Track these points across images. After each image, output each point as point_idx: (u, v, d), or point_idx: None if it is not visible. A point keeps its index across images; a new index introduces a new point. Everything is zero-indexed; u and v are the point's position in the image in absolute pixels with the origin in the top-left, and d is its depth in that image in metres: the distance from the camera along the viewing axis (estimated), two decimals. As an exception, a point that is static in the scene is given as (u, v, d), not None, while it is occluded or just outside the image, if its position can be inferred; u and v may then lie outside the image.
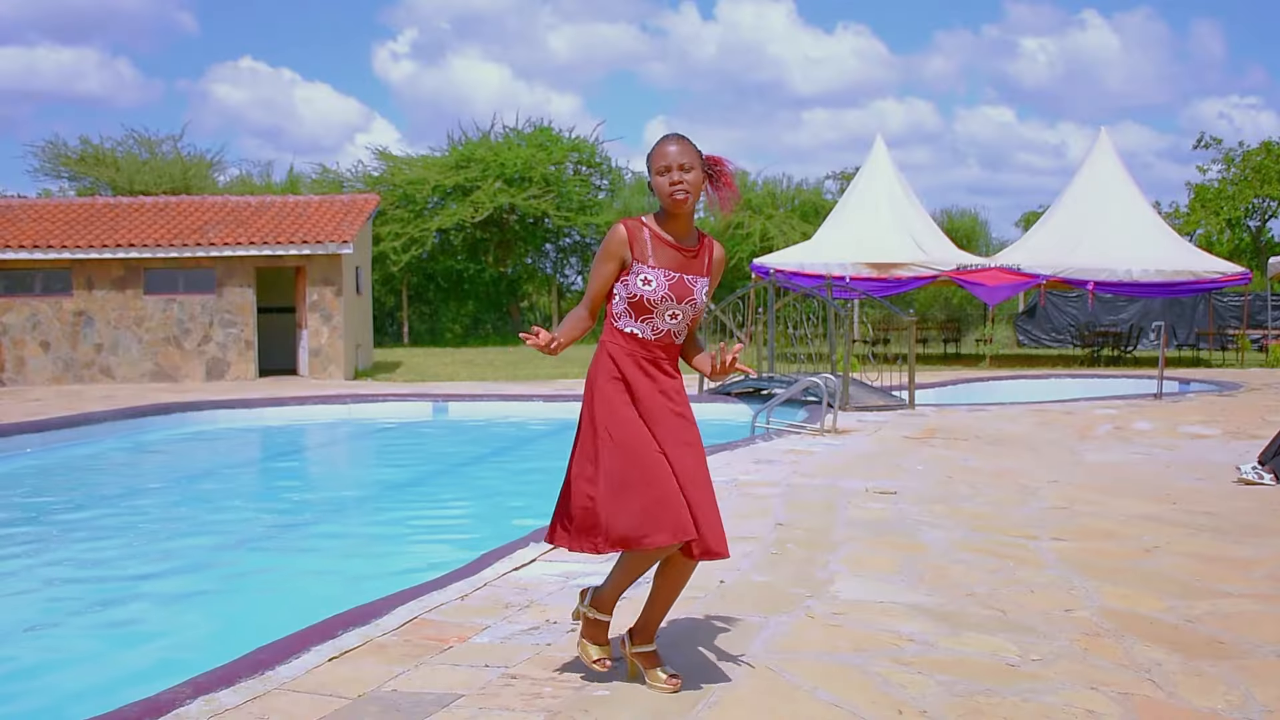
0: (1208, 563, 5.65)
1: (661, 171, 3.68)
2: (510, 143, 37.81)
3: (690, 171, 3.68)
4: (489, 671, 3.88)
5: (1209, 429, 11.64)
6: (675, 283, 3.70)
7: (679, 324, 3.74)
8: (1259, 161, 40.24)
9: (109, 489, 10.40)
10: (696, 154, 3.72)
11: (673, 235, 3.74)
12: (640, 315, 3.71)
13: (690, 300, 3.73)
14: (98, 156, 36.42)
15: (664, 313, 3.70)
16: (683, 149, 3.70)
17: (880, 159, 26.50)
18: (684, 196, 3.66)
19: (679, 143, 3.71)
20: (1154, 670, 3.98)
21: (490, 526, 8.30)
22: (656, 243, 3.72)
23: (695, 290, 3.73)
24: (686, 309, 3.73)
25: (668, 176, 3.67)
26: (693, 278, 3.73)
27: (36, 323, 20.37)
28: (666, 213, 3.75)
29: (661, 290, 3.68)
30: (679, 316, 3.73)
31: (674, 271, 3.70)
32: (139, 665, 5.26)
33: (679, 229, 3.75)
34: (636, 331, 3.72)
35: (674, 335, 3.76)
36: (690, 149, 3.71)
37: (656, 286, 3.68)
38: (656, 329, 3.72)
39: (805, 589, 4.97)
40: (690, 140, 3.74)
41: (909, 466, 8.84)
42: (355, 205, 22.84)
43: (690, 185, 3.67)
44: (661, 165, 3.68)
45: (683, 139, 3.73)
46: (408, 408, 15.81)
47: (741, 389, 15.34)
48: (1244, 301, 27.40)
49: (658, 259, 3.70)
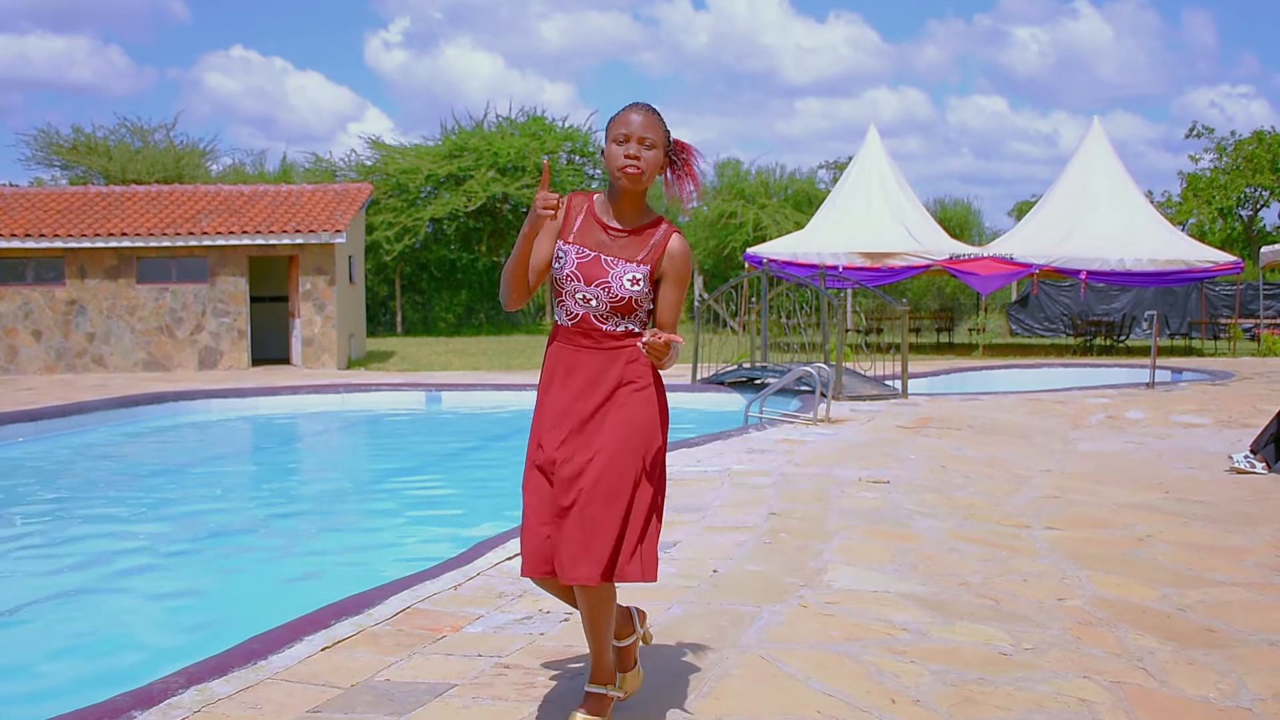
0: (1200, 551, 5.66)
1: (619, 140, 3.23)
2: (503, 132, 37.69)
3: (651, 150, 3.24)
4: (482, 661, 3.88)
5: (1201, 418, 11.66)
6: (587, 261, 3.26)
7: (596, 308, 3.26)
8: (1251, 151, 40.29)
9: (101, 478, 10.38)
10: (664, 133, 3.29)
11: (613, 215, 3.32)
12: (556, 297, 3.33)
13: (603, 284, 3.25)
14: (90, 145, 36.27)
15: (572, 294, 3.27)
16: (648, 121, 3.25)
17: (873, 148, 26.49)
18: (636, 173, 3.21)
19: (645, 114, 3.27)
20: (1146, 659, 3.99)
21: (483, 516, 8.29)
22: (587, 219, 3.32)
23: (612, 274, 3.25)
24: (598, 293, 3.25)
25: (624, 147, 3.22)
26: (614, 259, 3.26)
27: (29, 312, 20.30)
28: (613, 188, 3.32)
29: (568, 268, 3.27)
30: (592, 301, 3.26)
31: (589, 250, 3.28)
32: (131, 655, 5.26)
33: (623, 209, 3.31)
34: (557, 317, 3.36)
35: (594, 320, 3.27)
36: (657, 124, 3.27)
37: (565, 263, 3.28)
38: (570, 312, 3.30)
39: (799, 578, 4.97)
40: (660, 115, 3.30)
41: (902, 456, 8.85)
42: (348, 194, 22.78)
43: (646, 164, 3.23)
44: (620, 133, 3.23)
45: (651, 111, 3.28)
46: (401, 397, 15.80)
47: (735, 378, 15.34)
48: (1236, 291, 27.45)
49: (579, 235, 3.30)
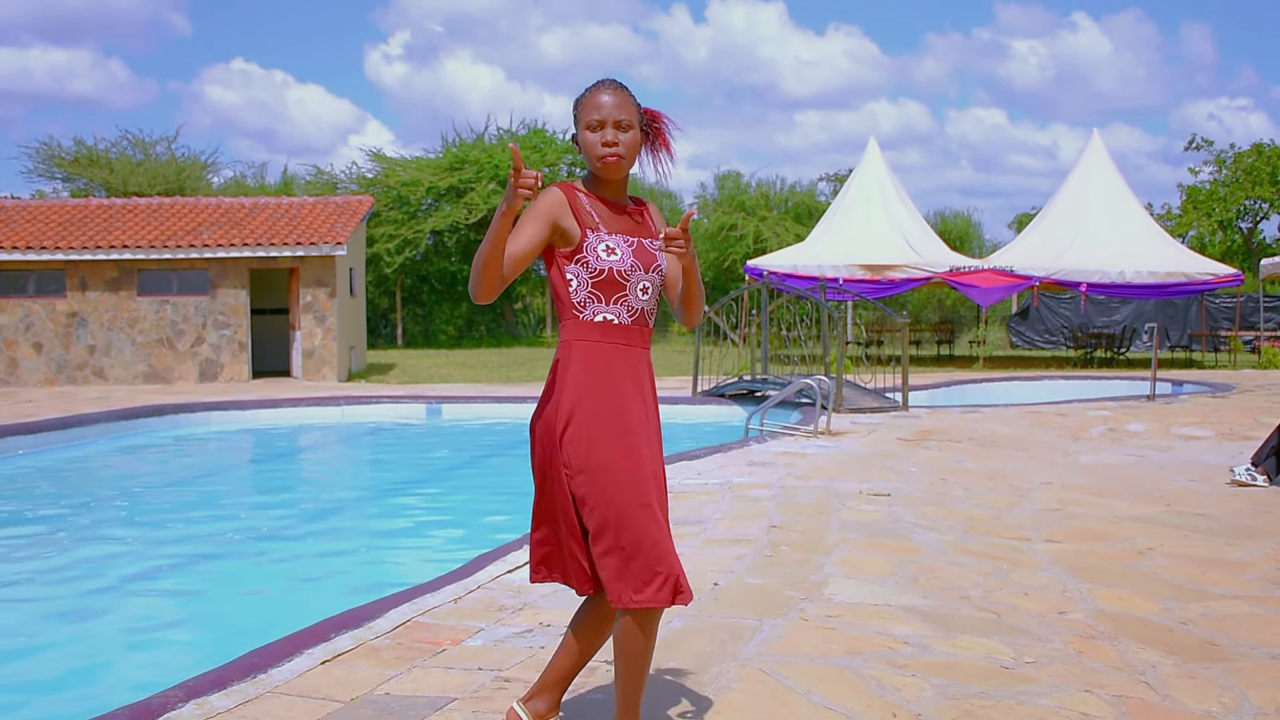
0: (1201, 565, 5.65)
1: (593, 127, 3.03)
2: (504, 144, 37.76)
3: (628, 131, 3.05)
4: (482, 675, 3.87)
5: (1202, 430, 11.65)
6: (637, 249, 3.10)
7: (650, 300, 3.14)
8: (1250, 163, 40.34)
9: (101, 491, 10.37)
10: (636, 109, 3.09)
11: (611, 198, 3.16)
12: (613, 295, 3.07)
13: (657, 268, 3.13)
14: (91, 158, 36.34)
15: (635, 288, 3.09)
16: (620, 101, 3.04)
17: (873, 160, 26.53)
18: (616, 160, 3.04)
19: (616, 93, 3.06)
20: (1148, 672, 3.98)
21: (483, 529, 8.28)
22: (595, 204, 3.11)
23: (659, 255, 3.14)
24: (654, 279, 3.13)
25: (600, 134, 3.03)
26: (650, 241, 3.15)
27: (29, 324, 20.31)
28: (595, 177, 3.13)
29: (629, 259, 3.07)
30: (649, 290, 3.12)
31: (630, 236, 3.11)
32: (130, 668, 5.25)
33: (617, 191, 3.15)
34: (610, 317, 3.08)
35: (648, 316, 3.16)
36: (629, 102, 3.06)
37: (622, 255, 3.06)
38: (632, 309, 3.10)
39: (799, 592, 4.96)
40: (629, 91, 3.09)
41: (903, 468, 8.84)
42: (349, 207, 22.82)
43: (626, 148, 3.05)
44: (593, 119, 3.03)
45: (620, 88, 3.08)
46: (401, 410, 15.80)
47: (735, 391, 15.34)
48: (1236, 303, 27.47)
49: (609, 224, 3.09)
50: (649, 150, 3.21)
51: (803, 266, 24.11)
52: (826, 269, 23.42)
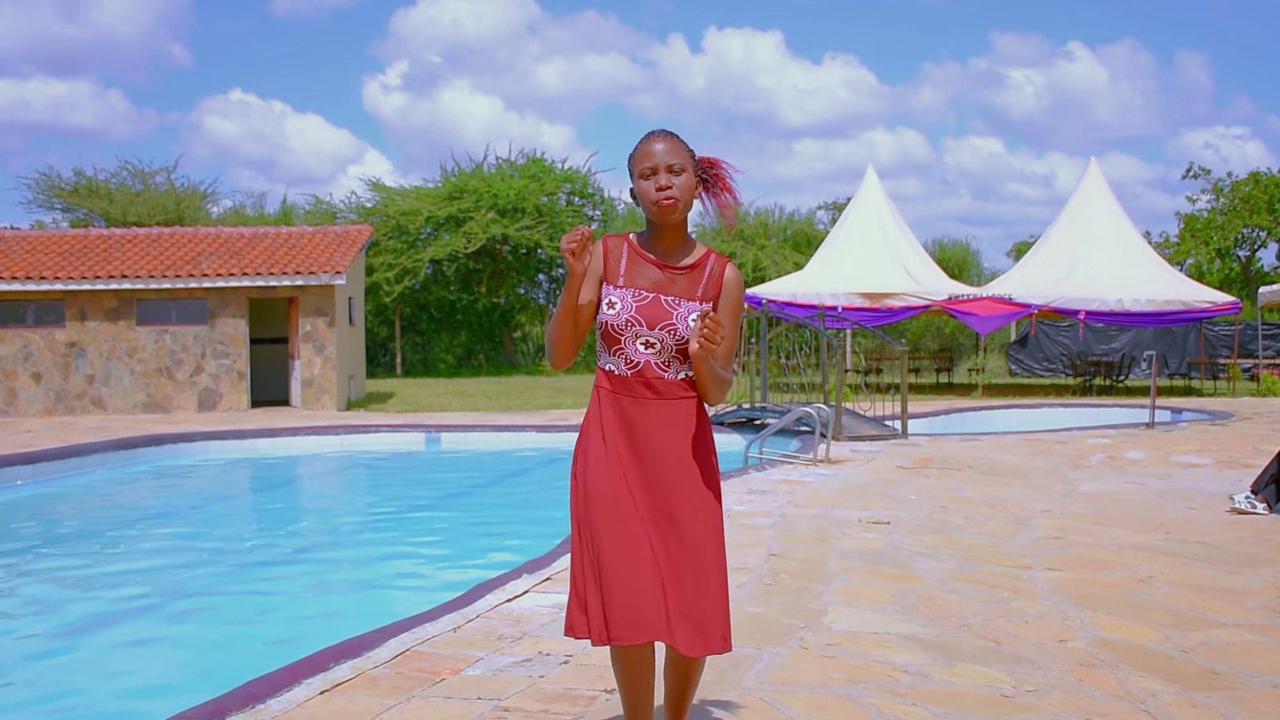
0: (1202, 593, 5.64)
1: (646, 175, 3.08)
2: (503, 173, 37.93)
3: (681, 174, 3.08)
4: (481, 704, 3.86)
5: (1202, 458, 11.65)
6: (647, 304, 3.10)
7: (659, 355, 3.11)
8: (1247, 192, 40.51)
9: (99, 521, 10.35)
10: (688, 153, 3.13)
11: (659, 251, 3.17)
12: (612, 346, 3.14)
13: (667, 326, 3.09)
14: (91, 188, 36.47)
15: (633, 340, 3.10)
16: (671, 147, 3.09)
17: (872, 189, 26.64)
18: (671, 203, 3.06)
19: (666, 140, 3.11)
20: (1149, 701, 3.97)
21: (483, 558, 8.27)
22: (633, 259, 3.16)
23: (675, 315, 3.09)
24: (663, 336, 3.09)
25: (653, 180, 3.07)
26: (675, 299, 3.11)
27: (28, 354, 20.32)
28: (652, 225, 3.17)
29: (627, 313, 3.09)
30: (655, 345, 3.10)
31: (647, 292, 3.11)
32: (128, 699, 5.22)
33: (668, 244, 3.16)
34: (612, 367, 3.16)
35: (656, 368, 3.12)
36: (680, 147, 3.11)
37: (620, 309, 3.10)
38: (631, 361, 3.12)
39: (799, 620, 4.95)
40: (679, 137, 3.14)
41: (902, 496, 8.83)
42: (348, 236, 22.88)
43: (681, 191, 3.07)
44: (646, 167, 3.08)
45: (670, 135, 3.13)
46: (401, 438, 15.79)
47: (735, 419, 15.34)
48: (1235, 331, 27.51)
49: (629, 278, 3.14)
50: (710, 194, 3.23)
51: (802, 295, 24.15)
52: (825, 297, 23.46)
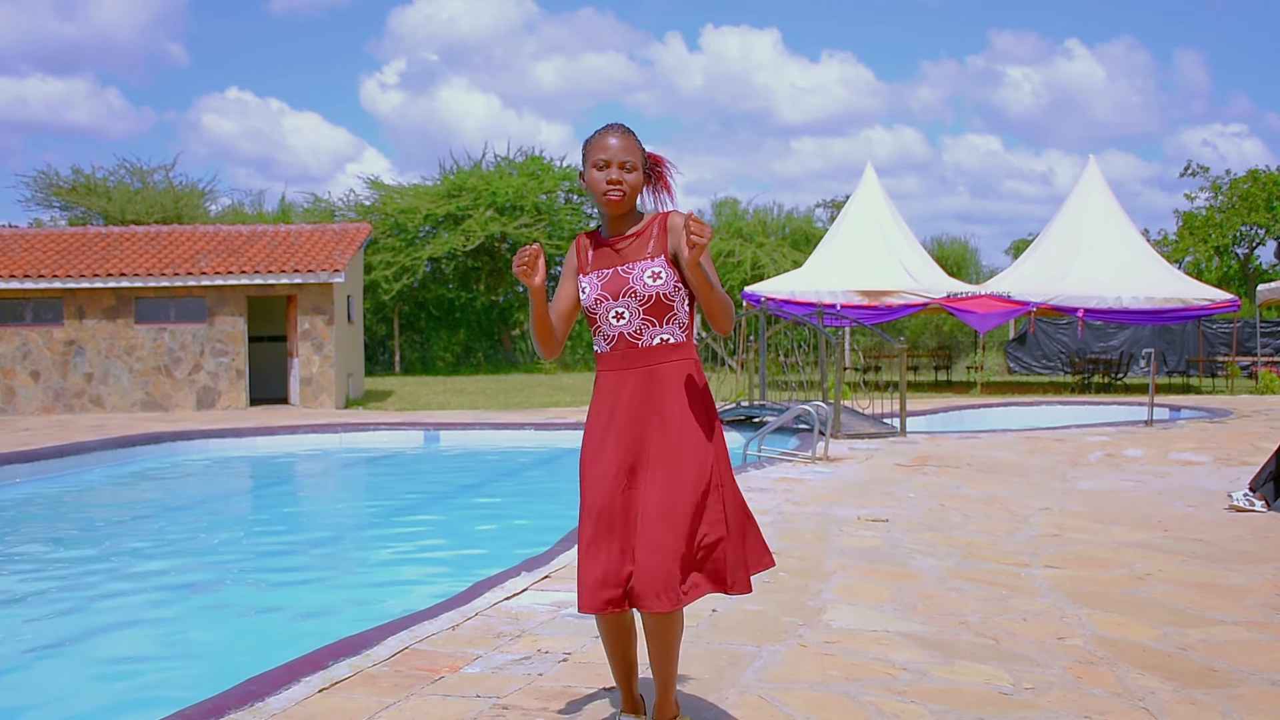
0: (1200, 590, 5.65)
1: (599, 166, 3.31)
2: (501, 171, 37.94)
3: (632, 173, 3.32)
4: (480, 702, 3.86)
5: (1200, 456, 11.66)
6: (608, 279, 3.34)
7: (630, 323, 3.34)
8: (1246, 190, 40.52)
9: (98, 519, 10.34)
10: (641, 152, 3.36)
11: (611, 233, 3.41)
12: (595, 327, 3.40)
13: (629, 291, 3.32)
14: (89, 186, 36.46)
15: (606, 316, 3.35)
16: (626, 145, 3.32)
17: (870, 187, 26.64)
18: (619, 197, 3.31)
19: (623, 137, 3.33)
20: (1148, 699, 3.97)
21: (481, 555, 8.27)
22: (597, 247, 3.41)
23: (633, 277, 3.32)
24: (628, 302, 3.32)
25: (605, 173, 3.30)
26: (629, 265, 3.34)
27: (27, 352, 20.32)
28: (603, 213, 3.42)
29: (595, 293, 3.35)
30: (625, 315, 3.33)
31: (605, 269, 3.36)
32: (126, 696, 5.22)
33: (619, 226, 3.40)
34: (598, 348, 3.42)
35: (629, 338, 3.35)
36: (635, 145, 3.34)
37: (590, 291, 3.37)
38: (607, 336, 3.36)
39: (797, 618, 4.95)
40: (634, 134, 3.36)
41: (901, 494, 8.84)
42: (347, 234, 22.88)
43: (629, 188, 3.32)
44: (600, 159, 3.31)
45: (627, 132, 3.35)
46: (399, 437, 15.79)
47: (733, 417, 15.34)
48: (1233, 328, 27.53)
49: (594, 264, 3.40)
50: (651, 190, 3.47)
51: (800, 292, 24.16)
52: (824, 295, 23.46)
